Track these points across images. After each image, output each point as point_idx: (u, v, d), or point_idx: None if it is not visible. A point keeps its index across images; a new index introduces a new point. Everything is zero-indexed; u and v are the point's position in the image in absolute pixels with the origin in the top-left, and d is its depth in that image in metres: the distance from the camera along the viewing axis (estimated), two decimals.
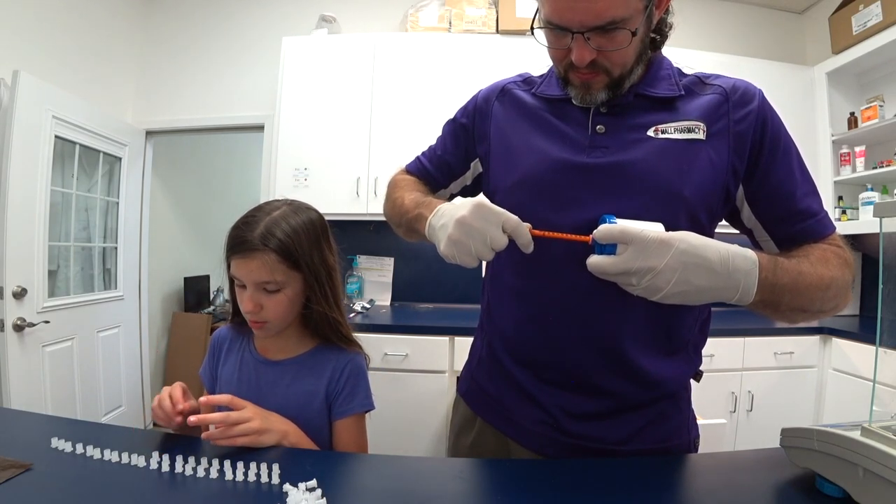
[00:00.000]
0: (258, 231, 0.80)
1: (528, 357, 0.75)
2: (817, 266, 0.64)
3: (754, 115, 0.69)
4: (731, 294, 0.58)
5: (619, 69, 0.67)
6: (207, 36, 2.83)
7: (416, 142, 2.30)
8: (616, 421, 0.72)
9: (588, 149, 0.70)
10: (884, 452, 0.47)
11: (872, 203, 2.31)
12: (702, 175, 0.67)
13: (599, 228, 0.58)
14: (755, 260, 0.58)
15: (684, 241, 0.56)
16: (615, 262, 0.56)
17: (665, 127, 0.69)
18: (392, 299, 2.67)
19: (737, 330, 2.08)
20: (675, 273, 0.55)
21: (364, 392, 0.88)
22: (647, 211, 0.64)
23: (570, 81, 0.70)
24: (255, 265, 0.79)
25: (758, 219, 0.72)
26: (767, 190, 0.70)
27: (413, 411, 1.94)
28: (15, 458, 0.60)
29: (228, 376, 0.90)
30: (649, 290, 0.56)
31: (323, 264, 0.85)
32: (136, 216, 2.80)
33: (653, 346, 0.71)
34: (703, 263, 0.55)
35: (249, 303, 0.81)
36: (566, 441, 0.73)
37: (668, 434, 0.75)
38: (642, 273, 0.55)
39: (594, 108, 0.71)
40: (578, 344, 0.70)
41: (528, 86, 0.83)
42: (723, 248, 0.57)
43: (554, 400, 0.73)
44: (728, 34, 2.80)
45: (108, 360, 2.47)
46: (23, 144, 1.90)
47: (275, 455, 0.66)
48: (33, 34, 2.13)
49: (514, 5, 2.40)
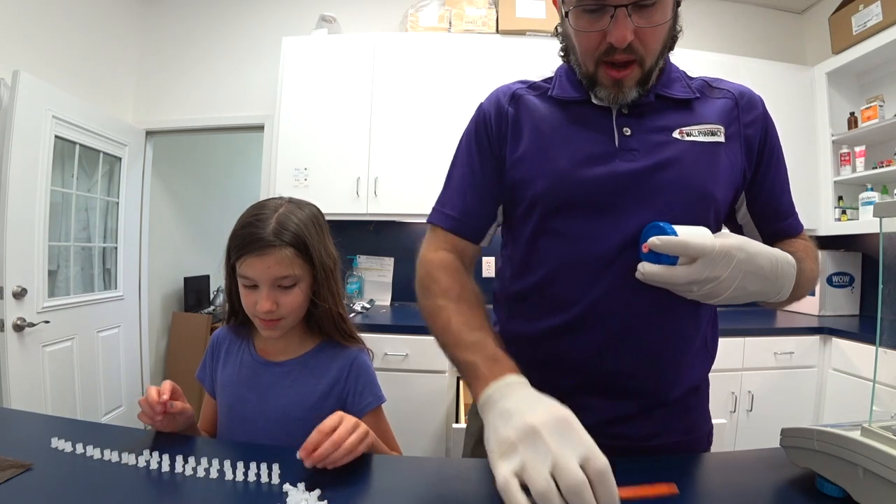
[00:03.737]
0: (270, 227, 0.79)
1: (563, 365, 0.73)
2: (807, 261, 0.69)
3: (760, 121, 0.72)
4: (773, 295, 0.61)
5: (651, 57, 0.65)
6: (208, 36, 2.83)
7: (416, 142, 2.32)
8: (647, 418, 0.73)
9: (619, 152, 0.69)
10: (884, 452, 0.47)
11: (872, 203, 2.31)
12: (725, 177, 0.69)
13: (665, 241, 0.57)
14: (794, 264, 0.62)
15: (743, 249, 0.57)
16: (681, 273, 0.57)
17: (689, 129, 0.69)
18: (392, 299, 2.67)
19: (737, 330, 2.08)
20: (735, 281, 0.57)
21: (373, 387, 0.88)
22: (685, 213, 0.65)
23: (600, 80, 0.67)
24: (272, 261, 0.78)
25: (751, 217, 0.76)
26: (765, 191, 0.74)
27: (413, 411, 1.94)
28: (15, 458, 0.60)
29: (228, 379, 0.89)
30: (707, 297, 0.58)
31: (329, 257, 0.86)
32: (136, 216, 2.80)
33: (689, 343, 0.73)
34: (757, 271, 0.58)
35: (267, 301, 0.79)
36: (600, 442, 0.72)
37: (692, 425, 0.77)
38: (706, 282, 0.57)
39: (617, 111, 0.70)
40: (622, 350, 0.69)
41: (537, 90, 0.78)
42: (771, 254, 0.60)
43: (591, 405, 0.71)
44: (728, 34, 2.80)
45: (108, 360, 2.47)
46: (23, 144, 1.90)
47: (275, 455, 0.66)
48: (33, 34, 2.13)
49: (514, 5, 2.41)
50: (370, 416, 0.87)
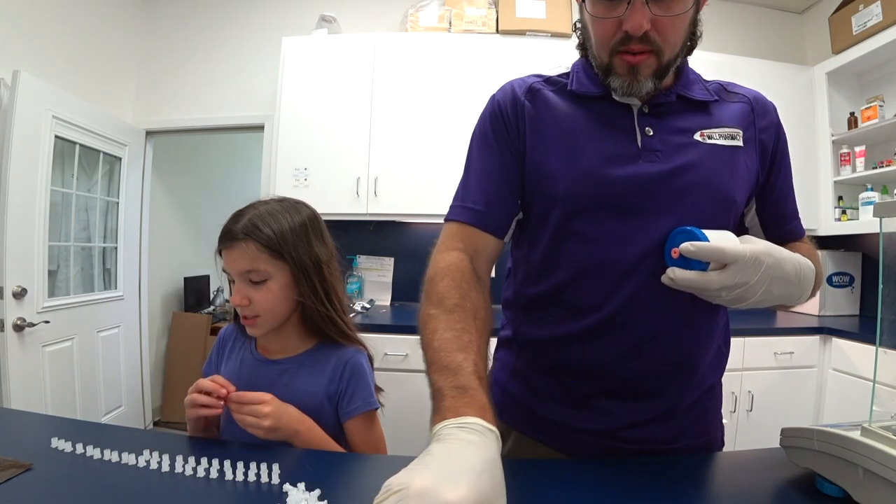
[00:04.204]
0: (242, 223, 0.82)
1: (581, 370, 0.71)
2: (815, 265, 0.69)
3: (774, 127, 0.73)
4: (794, 300, 0.63)
5: (669, 49, 0.63)
6: (207, 36, 2.83)
7: (416, 142, 2.32)
8: (669, 421, 0.72)
9: (641, 152, 0.67)
10: (884, 452, 0.47)
11: (872, 203, 2.31)
12: (744, 181, 0.69)
13: (699, 247, 0.57)
14: (813, 268, 0.63)
15: (770, 255, 0.58)
16: (714, 279, 0.57)
17: (710, 132, 0.69)
18: (392, 299, 2.67)
19: (737, 330, 2.06)
20: (763, 286, 0.58)
21: (365, 391, 0.87)
22: (709, 217, 0.65)
23: (614, 69, 0.64)
24: (237, 254, 0.82)
25: (759, 220, 0.76)
26: (774, 195, 0.74)
27: (413, 411, 1.94)
28: (15, 458, 0.60)
29: (229, 375, 0.89)
30: (735, 301, 0.59)
31: (309, 256, 0.85)
32: (136, 216, 2.80)
33: (707, 348, 0.73)
34: (783, 276, 0.59)
35: (237, 295, 0.82)
36: (619, 447, 0.71)
37: (708, 426, 0.77)
38: (734, 287, 0.57)
39: (638, 110, 0.68)
40: (643, 354, 0.68)
41: (555, 85, 0.74)
42: (795, 260, 0.61)
43: (612, 410, 0.71)
44: (728, 34, 2.80)
45: (108, 360, 2.47)
46: (23, 144, 1.90)
47: (275, 455, 0.66)
48: (33, 34, 2.13)
49: (514, 5, 2.41)
50: (359, 421, 0.85)
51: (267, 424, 0.74)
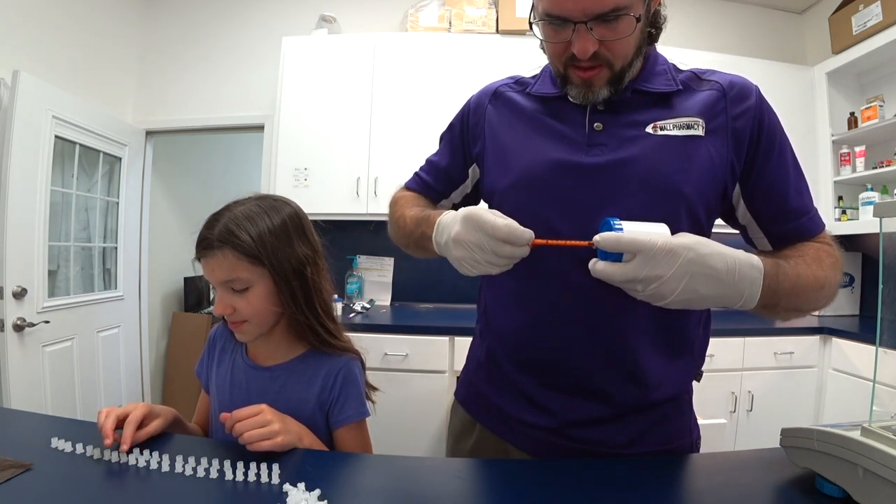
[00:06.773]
0: (217, 229, 0.78)
1: (531, 362, 0.74)
2: (813, 266, 0.64)
3: (752, 112, 0.68)
4: (735, 301, 0.57)
5: (620, 61, 0.65)
6: (207, 36, 2.83)
7: (416, 142, 2.33)
8: (620, 424, 0.72)
9: (586, 147, 0.69)
10: (884, 452, 0.47)
11: (872, 203, 2.31)
12: (701, 172, 0.67)
13: (603, 237, 0.55)
14: (761, 268, 0.57)
15: (692, 249, 0.54)
16: (621, 270, 0.55)
17: (663, 123, 0.68)
18: (392, 299, 2.67)
19: (737, 330, 2.08)
20: (682, 282, 0.54)
21: (356, 400, 0.85)
22: (649, 209, 0.64)
23: (570, 80, 0.68)
24: (214, 263, 0.78)
25: (752, 216, 0.72)
26: (763, 187, 0.70)
27: (413, 411, 1.94)
28: (15, 458, 0.60)
29: (220, 380, 0.88)
30: (654, 297, 0.55)
31: (290, 260, 0.80)
32: (136, 216, 2.79)
33: (658, 349, 0.71)
34: (709, 273, 0.54)
35: (220, 304, 0.79)
36: (570, 446, 0.72)
37: (671, 436, 0.75)
38: (648, 281, 0.54)
39: (591, 106, 0.70)
40: (583, 347, 0.69)
41: (521, 87, 0.81)
42: (730, 256, 0.55)
43: (558, 405, 0.72)
44: (728, 34, 2.79)
45: (108, 360, 2.46)
46: (23, 144, 1.90)
47: (275, 455, 0.66)
48: (33, 34, 2.13)
49: (514, 5, 2.40)
50: (351, 429, 0.84)
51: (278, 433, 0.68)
